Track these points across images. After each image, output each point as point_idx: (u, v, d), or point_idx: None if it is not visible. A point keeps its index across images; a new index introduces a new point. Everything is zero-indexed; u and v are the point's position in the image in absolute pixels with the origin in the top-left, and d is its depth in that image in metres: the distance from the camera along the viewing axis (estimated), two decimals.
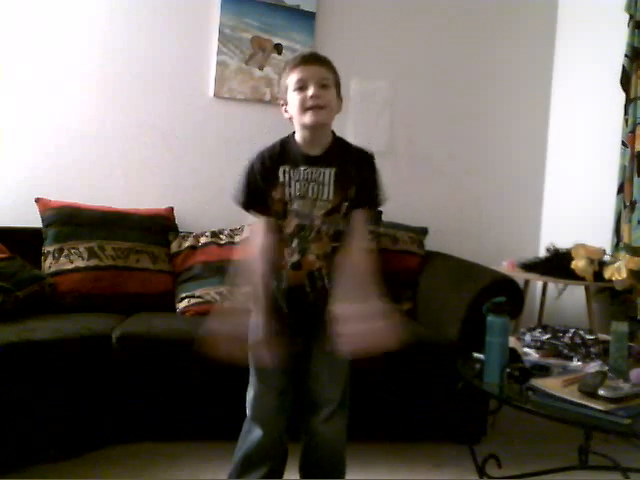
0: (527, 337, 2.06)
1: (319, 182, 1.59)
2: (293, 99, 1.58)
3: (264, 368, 1.65)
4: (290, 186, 1.59)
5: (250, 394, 1.70)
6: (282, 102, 1.65)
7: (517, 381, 1.69)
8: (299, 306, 1.63)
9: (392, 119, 3.28)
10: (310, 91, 1.54)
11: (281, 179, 1.59)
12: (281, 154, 1.62)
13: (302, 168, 1.59)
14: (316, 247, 1.59)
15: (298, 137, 1.63)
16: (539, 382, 1.68)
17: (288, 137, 1.66)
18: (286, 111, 1.64)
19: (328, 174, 1.59)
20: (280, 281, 1.63)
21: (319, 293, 1.61)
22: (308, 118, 1.56)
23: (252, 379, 1.70)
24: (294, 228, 1.60)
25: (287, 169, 1.60)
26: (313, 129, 1.58)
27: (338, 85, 1.63)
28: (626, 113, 2.76)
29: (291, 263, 1.60)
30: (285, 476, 1.74)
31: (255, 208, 1.65)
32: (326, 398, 1.66)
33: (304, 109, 1.55)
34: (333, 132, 1.66)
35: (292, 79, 1.57)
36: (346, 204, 1.60)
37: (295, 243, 1.60)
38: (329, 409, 1.65)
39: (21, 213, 2.73)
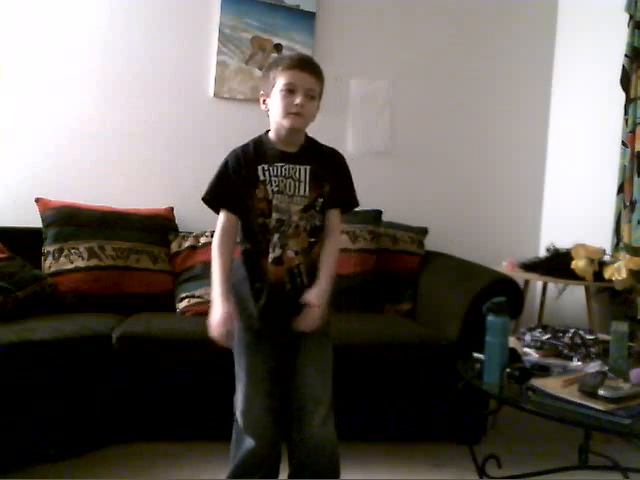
0: (527, 337, 2.06)
1: (295, 178, 1.62)
2: (277, 100, 1.61)
3: (251, 371, 1.64)
4: (271, 184, 1.61)
5: (238, 401, 1.67)
6: (263, 93, 1.67)
7: (517, 381, 1.69)
8: (280, 303, 1.63)
9: (392, 119, 3.28)
10: (297, 99, 1.58)
11: (262, 177, 1.62)
12: (257, 153, 1.65)
13: (279, 165, 1.63)
14: (294, 243, 1.61)
15: (272, 135, 1.67)
16: (539, 382, 1.68)
17: (260, 137, 1.70)
18: (264, 103, 1.67)
19: (304, 171, 1.63)
20: (261, 278, 1.63)
21: (298, 290, 1.62)
22: (287, 122, 1.60)
23: (240, 385, 1.67)
24: (274, 223, 1.61)
25: (266, 167, 1.62)
26: (290, 131, 1.63)
27: (321, 95, 1.67)
28: (626, 113, 2.75)
29: (273, 258, 1.61)
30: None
31: (226, 206, 1.66)
32: (318, 400, 1.64)
33: (286, 113, 1.59)
34: (305, 133, 1.70)
35: (282, 80, 1.60)
36: (321, 200, 1.64)
37: (276, 238, 1.61)
38: (323, 411, 1.64)
39: (21, 213, 2.73)
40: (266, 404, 1.65)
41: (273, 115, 1.64)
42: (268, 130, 1.69)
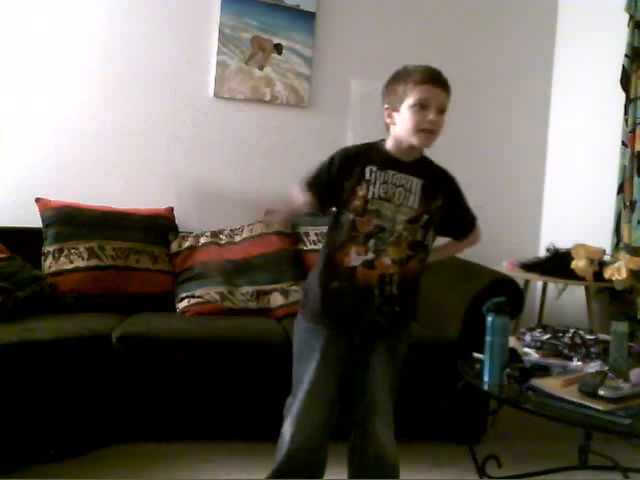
0: (527, 337, 2.06)
1: (406, 189, 1.59)
2: (407, 115, 1.56)
3: (319, 377, 1.57)
4: (375, 186, 1.57)
5: (294, 406, 1.58)
6: (388, 106, 1.63)
7: (517, 381, 1.69)
8: (363, 309, 1.59)
9: None
10: (431, 115, 1.54)
11: (367, 177, 1.58)
12: (368, 154, 1.62)
13: (391, 172, 1.59)
14: (393, 251, 1.57)
15: (390, 145, 1.63)
16: (539, 382, 1.67)
17: (376, 142, 1.66)
18: (390, 116, 1.62)
19: (416, 183, 1.60)
20: (338, 277, 1.59)
21: (387, 299, 1.58)
22: (418, 140, 1.56)
23: (300, 391, 1.58)
24: (373, 228, 1.57)
25: (374, 169, 1.59)
26: (415, 148, 1.60)
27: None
28: (626, 113, 2.76)
29: (364, 260, 1.56)
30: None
31: (312, 191, 1.60)
32: (390, 415, 1.62)
33: (418, 130, 1.55)
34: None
35: (414, 95, 1.55)
36: (426, 217, 1.61)
37: (371, 243, 1.57)
38: (392, 428, 1.62)
39: (21, 213, 2.73)
40: (324, 415, 1.58)
41: (400, 130, 1.59)
42: (383, 139, 1.65)
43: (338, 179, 1.60)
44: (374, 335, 1.64)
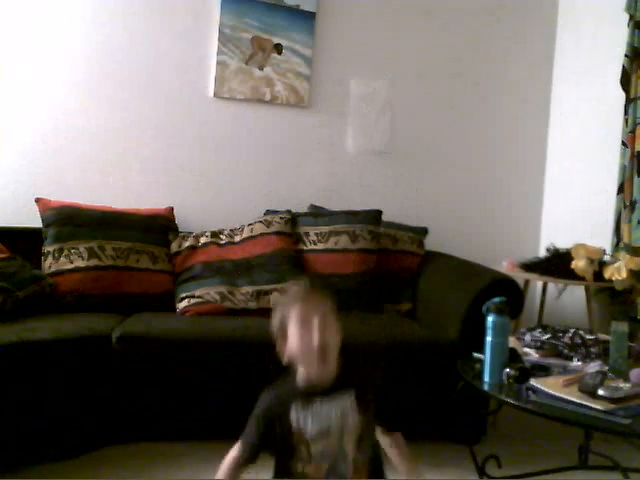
0: (527, 337, 2.06)
1: (341, 407, 1.38)
2: (292, 342, 1.39)
3: None
4: (307, 426, 1.37)
5: None
6: (277, 336, 1.46)
7: (517, 381, 1.69)
8: None
9: (392, 119, 3.28)
10: (315, 335, 1.35)
11: (295, 424, 1.37)
12: (286, 400, 1.41)
13: (317, 401, 1.38)
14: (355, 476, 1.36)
15: (301, 377, 1.42)
16: (539, 382, 1.68)
17: (291, 378, 1.44)
18: (283, 347, 1.44)
19: (347, 397, 1.39)
20: None
21: None
22: (314, 369, 1.38)
23: None
24: (327, 471, 1.36)
25: (299, 409, 1.38)
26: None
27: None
28: (626, 113, 2.76)
29: None
30: None
31: (246, 446, 1.44)
32: None
33: (308, 357, 1.37)
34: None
35: (292, 316, 1.40)
36: (372, 425, 1.41)
37: None
38: None
39: (21, 213, 2.73)
40: None
41: (294, 359, 1.41)
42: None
43: (266, 443, 1.41)
44: None
